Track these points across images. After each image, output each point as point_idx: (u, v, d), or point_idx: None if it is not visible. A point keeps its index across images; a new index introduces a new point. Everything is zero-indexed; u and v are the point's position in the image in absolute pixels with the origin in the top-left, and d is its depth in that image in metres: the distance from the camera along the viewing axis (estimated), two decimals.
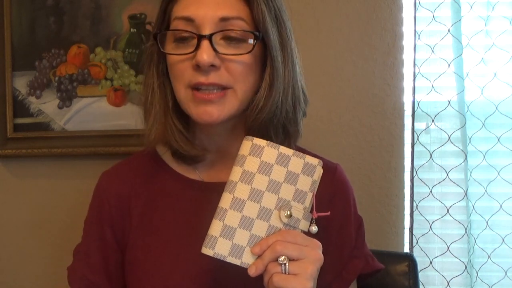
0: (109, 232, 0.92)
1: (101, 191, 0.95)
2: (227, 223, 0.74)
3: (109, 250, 0.92)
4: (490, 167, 1.35)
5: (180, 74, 0.83)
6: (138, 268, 0.89)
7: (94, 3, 1.41)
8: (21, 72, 1.42)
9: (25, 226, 1.46)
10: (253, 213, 0.74)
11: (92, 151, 1.40)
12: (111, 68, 1.41)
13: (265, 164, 0.75)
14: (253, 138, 0.76)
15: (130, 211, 0.91)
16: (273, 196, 0.75)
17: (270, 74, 0.84)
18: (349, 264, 0.93)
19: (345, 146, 1.41)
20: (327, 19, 1.41)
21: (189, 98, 0.83)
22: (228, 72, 0.82)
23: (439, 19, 1.33)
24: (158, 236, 0.89)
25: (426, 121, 1.36)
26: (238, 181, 0.75)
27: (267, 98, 0.84)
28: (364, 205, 1.40)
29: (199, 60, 0.79)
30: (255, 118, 0.84)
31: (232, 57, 0.81)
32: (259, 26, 0.82)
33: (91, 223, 0.95)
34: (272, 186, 0.75)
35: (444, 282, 1.34)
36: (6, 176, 1.46)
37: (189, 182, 0.92)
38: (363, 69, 1.41)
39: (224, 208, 0.74)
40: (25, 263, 1.47)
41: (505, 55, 1.34)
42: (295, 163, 0.76)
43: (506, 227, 1.35)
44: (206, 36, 0.80)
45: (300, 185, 0.76)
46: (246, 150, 0.76)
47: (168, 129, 0.87)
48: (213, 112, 0.82)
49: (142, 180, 0.93)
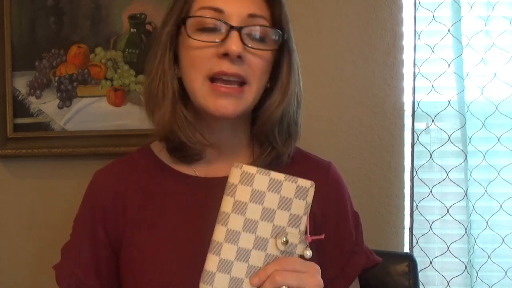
0: (101, 231, 0.91)
1: (95, 189, 0.94)
2: (223, 257, 0.72)
3: (101, 249, 0.91)
4: (490, 167, 1.35)
5: (200, 62, 0.83)
6: (133, 265, 0.88)
7: (94, 3, 1.41)
8: (21, 72, 1.42)
9: (25, 226, 1.46)
10: (249, 244, 0.73)
11: (92, 151, 1.40)
12: (111, 68, 1.41)
13: (257, 192, 0.73)
14: (242, 165, 0.74)
15: (125, 208, 0.90)
16: (267, 225, 0.73)
17: (287, 74, 0.88)
18: (351, 260, 0.93)
19: (345, 146, 1.41)
20: (327, 19, 1.41)
21: (206, 90, 0.83)
22: (250, 67, 0.83)
23: (439, 19, 1.33)
24: (154, 233, 0.88)
25: (426, 121, 1.36)
26: (230, 212, 0.72)
27: (283, 98, 0.87)
28: (364, 205, 1.40)
29: (229, 49, 0.80)
30: (269, 118, 0.87)
31: (257, 52, 0.83)
32: (284, 27, 0.87)
33: (83, 222, 0.93)
34: (266, 214, 0.73)
35: (444, 282, 1.34)
36: (6, 176, 1.46)
37: (185, 178, 0.91)
38: (363, 69, 1.41)
39: (219, 241, 0.72)
40: (25, 263, 1.47)
41: (505, 55, 1.34)
42: (287, 188, 0.74)
43: (506, 227, 1.35)
44: (237, 28, 0.81)
45: (294, 209, 0.74)
46: (236, 178, 0.73)
47: (177, 119, 0.86)
48: (229, 106, 0.83)
49: (138, 178, 0.92)
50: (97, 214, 0.91)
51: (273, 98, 0.87)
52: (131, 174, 0.93)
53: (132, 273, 0.88)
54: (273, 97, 0.87)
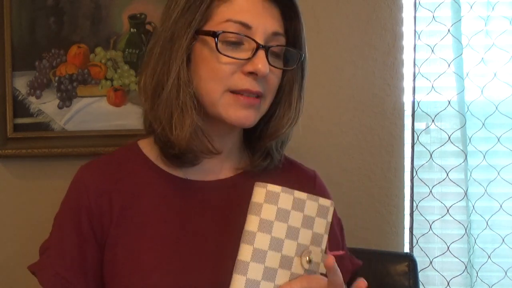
0: (87, 227, 0.87)
1: (79, 185, 0.90)
2: (250, 277, 0.71)
3: (87, 246, 0.87)
4: (490, 167, 1.35)
5: (223, 76, 0.82)
6: (117, 266, 0.86)
7: (94, 3, 1.41)
8: (21, 72, 1.42)
9: (25, 226, 1.45)
10: (275, 263, 0.73)
11: (92, 151, 1.40)
12: (111, 68, 1.41)
13: (282, 210, 0.73)
14: (266, 184, 0.74)
15: (111, 207, 0.87)
16: (292, 243, 0.74)
17: (299, 91, 0.91)
18: (340, 266, 0.91)
19: (345, 146, 1.41)
20: (327, 19, 1.41)
21: (226, 102, 0.83)
22: (267, 83, 0.85)
23: (439, 19, 1.33)
24: (139, 234, 0.86)
25: (426, 121, 1.36)
26: (257, 231, 0.72)
27: (296, 113, 0.90)
28: (364, 205, 1.40)
29: (257, 69, 0.81)
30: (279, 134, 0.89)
31: (277, 71, 0.85)
32: (301, 46, 0.89)
33: (67, 219, 0.89)
34: (291, 233, 0.74)
35: (444, 282, 1.34)
36: (6, 176, 1.46)
37: (174, 180, 0.89)
38: (363, 69, 1.41)
39: (245, 261, 0.72)
40: (25, 263, 1.46)
41: (505, 55, 1.34)
42: (310, 207, 0.75)
43: (506, 227, 1.36)
44: (264, 46, 0.82)
45: (317, 228, 0.76)
46: (261, 197, 0.73)
47: (197, 133, 0.84)
48: (251, 116, 0.84)
49: (124, 177, 0.90)
50: (83, 210, 0.88)
51: (284, 117, 0.90)
52: (118, 172, 0.90)
53: (115, 274, 0.86)
54: (283, 116, 0.90)
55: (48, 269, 0.89)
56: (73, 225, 0.88)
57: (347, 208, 1.37)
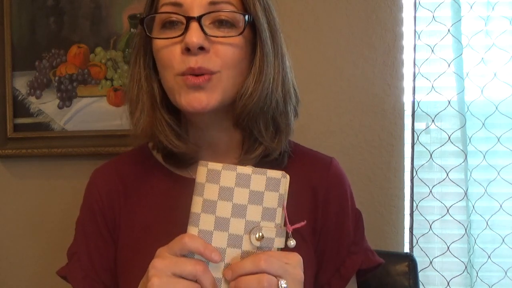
0: (104, 228, 0.90)
1: (92, 188, 0.93)
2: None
3: (108, 246, 0.90)
4: (490, 167, 1.35)
5: (168, 61, 0.81)
6: (127, 267, 0.87)
7: (94, 3, 1.41)
8: (21, 72, 1.42)
9: (25, 226, 1.46)
10: (223, 242, 0.70)
11: (92, 151, 1.40)
12: (111, 68, 1.41)
13: (225, 189, 0.71)
14: (207, 162, 0.71)
15: (120, 208, 0.90)
16: (240, 221, 0.71)
17: (259, 59, 0.82)
18: (347, 261, 0.91)
19: (345, 146, 1.41)
20: (327, 19, 1.41)
21: (178, 86, 0.80)
22: (217, 56, 0.79)
23: (439, 19, 1.33)
24: (148, 235, 0.87)
25: (426, 121, 1.36)
26: (200, 212, 0.71)
27: (256, 83, 0.81)
28: (364, 205, 1.40)
29: (188, 41, 0.77)
30: (244, 105, 0.81)
31: (222, 39, 0.79)
32: (249, 9, 0.81)
33: (86, 221, 0.92)
34: (237, 211, 0.71)
35: (444, 282, 1.34)
36: (6, 176, 1.46)
37: (181, 180, 0.90)
38: (363, 69, 1.41)
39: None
40: (25, 263, 1.47)
41: (505, 55, 1.34)
42: (256, 181, 0.71)
43: (506, 227, 1.35)
44: (195, 18, 0.78)
45: (267, 202, 0.71)
46: (203, 177, 0.71)
47: (157, 124, 0.84)
48: (202, 98, 0.79)
49: (134, 178, 0.91)
50: (97, 214, 0.91)
51: (246, 85, 0.82)
52: (129, 174, 0.92)
53: (125, 275, 0.87)
54: (246, 84, 0.82)
55: (79, 272, 0.91)
56: (93, 228, 0.91)
57: None
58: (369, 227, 1.40)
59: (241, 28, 0.80)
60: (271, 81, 0.82)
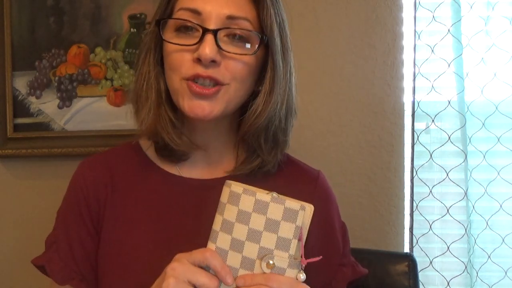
0: (87, 219, 0.89)
1: (78, 177, 0.92)
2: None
3: (89, 237, 0.89)
4: (490, 167, 1.35)
5: (177, 64, 0.82)
6: (109, 262, 0.86)
7: (94, 3, 1.41)
8: (21, 72, 1.42)
9: (25, 226, 1.46)
10: (236, 263, 0.72)
11: (92, 151, 1.40)
12: (111, 68, 1.41)
13: (243, 212, 0.72)
14: (231, 183, 0.73)
15: (106, 200, 0.89)
16: (254, 246, 0.72)
17: (270, 79, 0.83)
18: (338, 273, 0.92)
19: (345, 146, 1.41)
20: (327, 19, 1.41)
21: (183, 90, 0.81)
22: (227, 70, 0.81)
23: (439, 19, 1.33)
24: (133, 230, 0.87)
25: (426, 121, 1.36)
26: (219, 230, 0.73)
27: (266, 103, 0.83)
28: (364, 205, 1.40)
29: (202, 53, 0.78)
30: (252, 123, 0.84)
31: (234, 56, 0.80)
32: (265, 30, 0.83)
33: (69, 211, 0.91)
34: (252, 235, 0.72)
35: (444, 282, 1.34)
36: (6, 176, 1.46)
37: (169, 177, 0.90)
38: (363, 69, 1.41)
39: None
40: (24, 263, 1.46)
41: (505, 55, 1.34)
42: (274, 210, 0.72)
43: (506, 227, 1.35)
44: (212, 30, 0.79)
45: (283, 232, 0.72)
46: (225, 197, 0.73)
47: (160, 121, 0.85)
48: (205, 107, 0.80)
49: (123, 172, 0.91)
50: (82, 204, 0.89)
51: (256, 105, 0.84)
52: (116, 168, 0.92)
53: (108, 270, 0.87)
54: (255, 104, 0.84)
55: (57, 262, 0.90)
56: (76, 218, 0.90)
57: (347, 208, 1.37)
58: (369, 227, 1.41)
59: (255, 47, 0.82)
60: (278, 101, 0.85)
